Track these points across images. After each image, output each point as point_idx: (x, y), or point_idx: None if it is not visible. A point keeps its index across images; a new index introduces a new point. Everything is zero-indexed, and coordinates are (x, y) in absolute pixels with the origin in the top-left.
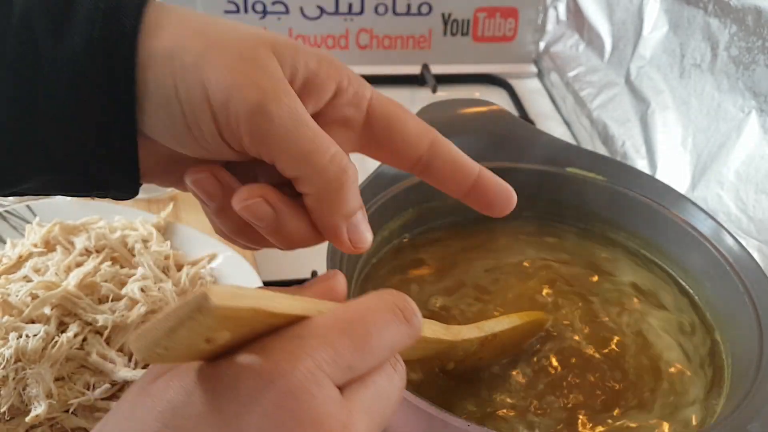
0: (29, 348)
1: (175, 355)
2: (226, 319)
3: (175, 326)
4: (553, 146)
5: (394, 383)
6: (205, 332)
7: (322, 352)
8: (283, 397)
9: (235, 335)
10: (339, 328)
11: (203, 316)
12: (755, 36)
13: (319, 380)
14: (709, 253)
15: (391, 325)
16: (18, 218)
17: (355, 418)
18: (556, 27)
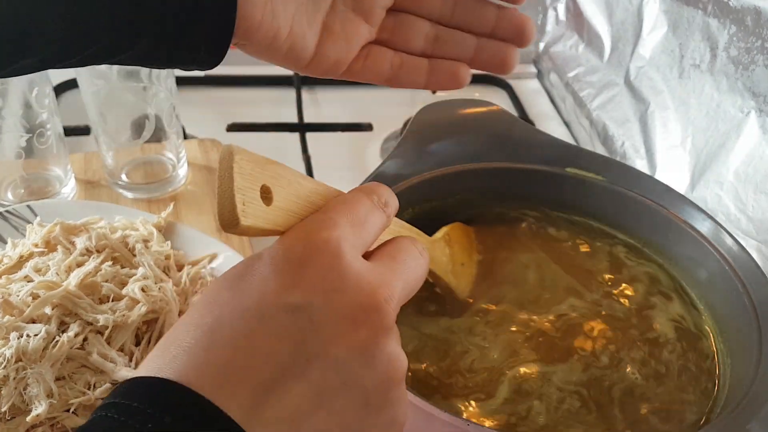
0: (30, 348)
1: (252, 212)
2: (255, 164)
3: (230, 176)
4: (553, 146)
5: (420, 261)
6: (251, 178)
7: (347, 229)
8: (329, 258)
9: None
10: (347, 209)
11: (237, 155)
12: (754, 36)
13: (353, 249)
14: (708, 253)
15: (375, 210)
16: (19, 218)
17: (388, 278)
18: (556, 27)
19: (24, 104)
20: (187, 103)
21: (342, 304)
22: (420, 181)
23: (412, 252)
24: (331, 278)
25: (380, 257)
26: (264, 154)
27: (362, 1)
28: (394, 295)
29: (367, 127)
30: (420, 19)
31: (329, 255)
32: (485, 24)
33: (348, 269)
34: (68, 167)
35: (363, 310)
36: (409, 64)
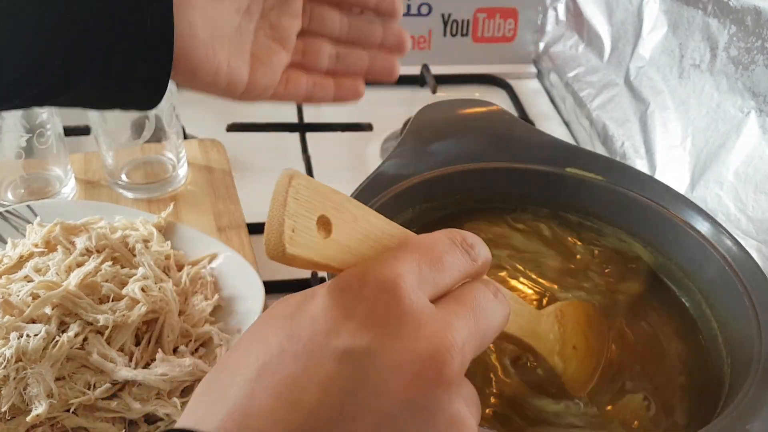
0: (30, 348)
1: (302, 241)
2: (315, 192)
3: (283, 200)
4: (553, 146)
5: (495, 306)
6: (308, 206)
7: (413, 267)
8: (386, 300)
9: (338, 233)
10: (418, 249)
11: (295, 180)
12: (754, 36)
13: (415, 290)
14: (708, 253)
15: (456, 250)
16: (19, 218)
17: (454, 325)
18: (556, 27)
19: None
20: (187, 103)
21: (396, 351)
22: (420, 181)
23: (484, 294)
24: (385, 321)
25: (446, 300)
26: (264, 154)
27: (279, 29)
28: (458, 343)
29: (367, 127)
30: (324, 40)
31: (387, 294)
32: (374, 39)
33: (406, 310)
34: (68, 167)
35: (421, 358)
36: (320, 83)
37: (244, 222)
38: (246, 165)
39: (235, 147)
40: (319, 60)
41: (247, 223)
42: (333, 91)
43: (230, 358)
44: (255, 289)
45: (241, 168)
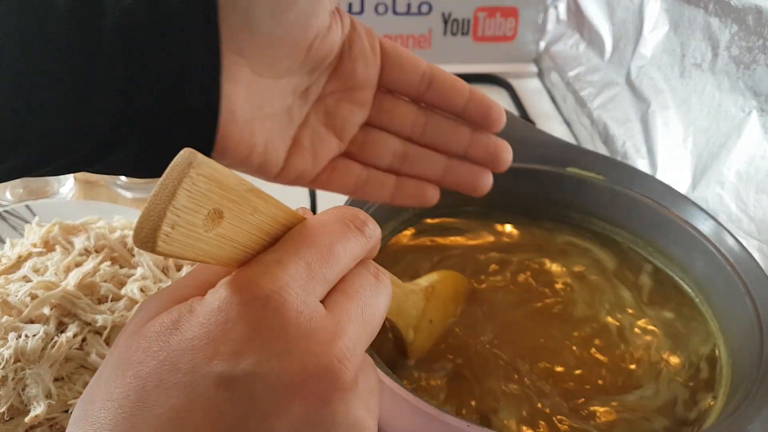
0: (28, 348)
1: (180, 237)
2: (215, 183)
3: (173, 189)
4: (554, 146)
5: (379, 291)
6: (202, 200)
7: (300, 270)
8: (270, 316)
9: (228, 226)
10: (306, 244)
11: (195, 170)
12: (756, 35)
13: (302, 297)
14: (709, 253)
15: (348, 234)
16: (17, 218)
17: (344, 326)
18: (557, 26)
19: None
20: None
21: (285, 371)
22: None
23: (367, 281)
24: (271, 339)
25: (334, 296)
26: None
27: (335, 117)
28: (350, 345)
29: None
30: (390, 136)
31: (270, 311)
32: (457, 145)
33: (292, 327)
34: None
35: (312, 374)
36: (375, 179)
37: None
38: None
39: None
40: (379, 156)
41: None
42: (391, 191)
43: (104, 386)
44: None
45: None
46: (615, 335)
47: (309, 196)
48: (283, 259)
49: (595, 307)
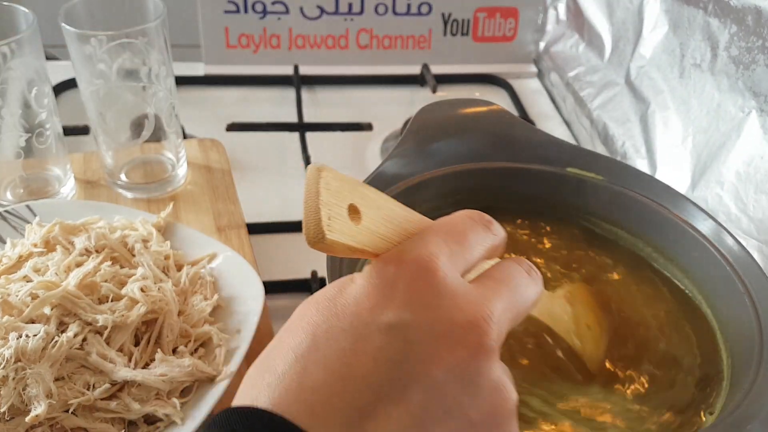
0: (29, 348)
1: (339, 227)
2: (342, 182)
3: (315, 191)
4: (553, 146)
5: (529, 284)
6: (339, 195)
7: (442, 246)
8: (422, 275)
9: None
10: (444, 230)
11: (324, 173)
12: (755, 36)
13: (448, 266)
14: (709, 253)
15: (477, 226)
16: (18, 218)
17: (490, 298)
18: (556, 27)
19: (23, 104)
20: (187, 102)
21: (437, 321)
22: (420, 181)
23: (517, 271)
24: (424, 295)
25: (482, 279)
26: (264, 154)
27: None
28: (495, 314)
29: (366, 126)
30: None
31: (422, 271)
32: None
33: (442, 284)
34: (67, 167)
35: (460, 326)
36: None
37: (243, 222)
38: (246, 165)
39: (235, 147)
40: None
41: (246, 223)
42: None
43: (279, 340)
44: (254, 289)
45: (241, 168)
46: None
47: None
48: (425, 237)
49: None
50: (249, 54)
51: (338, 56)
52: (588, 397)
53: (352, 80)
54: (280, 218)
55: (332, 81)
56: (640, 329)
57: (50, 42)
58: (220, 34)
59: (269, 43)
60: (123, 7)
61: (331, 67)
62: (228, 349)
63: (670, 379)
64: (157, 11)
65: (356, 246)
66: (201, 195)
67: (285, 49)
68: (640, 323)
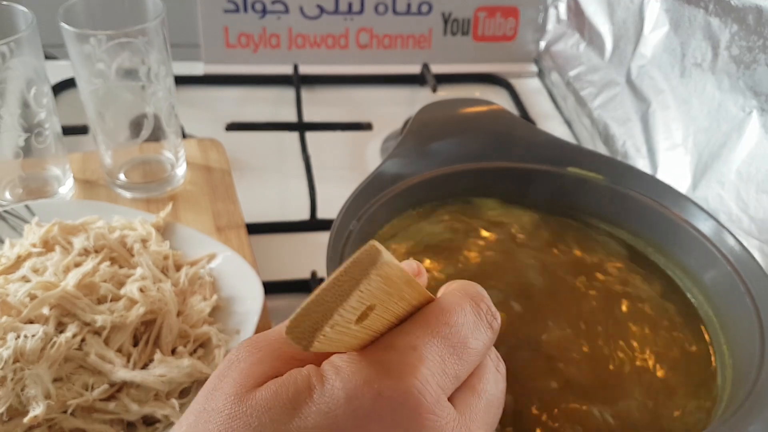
0: (28, 348)
1: (334, 336)
2: (386, 281)
3: (348, 290)
4: (554, 146)
5: (500, 386)
6: (368, 299)
7: (436, 363)
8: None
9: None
10: (442, 333)
11: (376, 271)
12: (756, 35)
13: (438, 397)
14: (710, 253)
15: (481, 326)
16: (17, 218)
17: (472, 430)
18: (557, 26)
19: (22, 103)
20: (186, 102)
21: None
22: (420, 181)
23: (492, 374)
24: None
25: (462, 394)
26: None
27: None
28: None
29: (366, 126)
30: None
31: (407, 412)
32: None
33: (424, 425)
34: (66, 167)
35: None
36: None
37: (243, 222)
38: (245, 164)
39: (235, 146)
40: None
41: (246, 223)
42: None
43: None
44: (254, 289)
45: (241, 167)
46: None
47: (309, 197)
48: (418, 347)
49: (595, 306)
50: (248, 53)
51: (338, 56)
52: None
53: (352, 80)
54: (279, 218)
55: (332, 80)
56: (640, 329)
57: (49, 41)
58: (220, 34)
59: (269, 43)
60: (122, 7)
61: (330, 67)
62: (227, 349)
63: (669, 379)
64: (156, 10)
65: (333, 350)
66: (200, 195)
67: (285, 49)
68: (638, 322)
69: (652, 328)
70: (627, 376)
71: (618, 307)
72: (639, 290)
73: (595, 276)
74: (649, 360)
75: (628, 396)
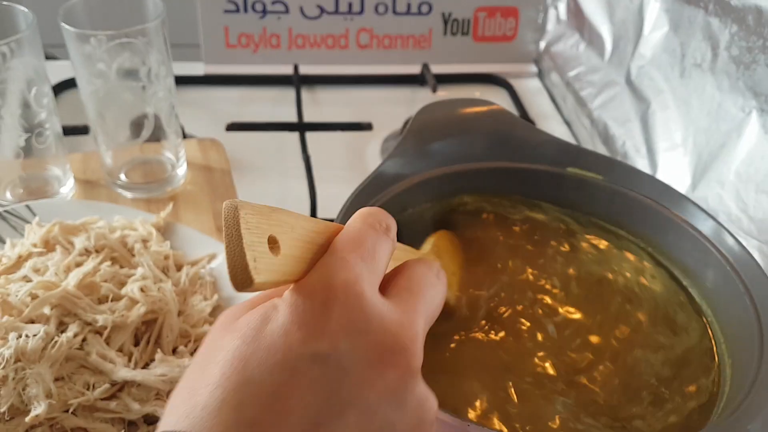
0: (29, 348)
1: (264, 267)
2: (259, 215)
3: (237, 233)
4: (554, 146)
5: (439, 289)
6: (258, 231)
7: (362, 266)
8: (351, 300)
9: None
10: (355, 246)
11: (242, 210)
12: (756, 36)
13: (373, 288)
14: (709, 253)
15: (380, 237)
16: (18, 218)
17: (411, 317)
18: (557, 26)
19: (22, 104)
20: (187, 102)
21: (369, 347)
22: (420, 181)
23: (429, 280)
24: (356, 321)
25: (398, 292)
26: (264, 154)
27: None
28: (419, 333)
29: (366, 126)
30: None
31: (352, 297)
32: None
33: (371, 310)
34: (67, 167)
35: (390, 351)
36: None
37: None
38: (245, 164)
39: (235, 146)
40: None
41: None
42: None
43: (200, 371)
44: None
45: (241, 167)
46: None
47: (309, 197)
48: (345, 257)
49: (595, 306)
50: (249, 54)
51: (338, 56)
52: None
53: (352, 80)
54: None
55: (332, 81)
56: (640, 329)
57: (50, 41)
58: (220, 34)
59: (269, 43)
60: (122, 7)
61: (331, 67)
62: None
63: (670, 378)
64: (156, 11)
65: (282, 279)
66: (201, 195)
67: (285, 49)
68: (638, 322)
69: (652, 327)
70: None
71: (616, 305)
72: (638, 290)
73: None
74: (646, 358)
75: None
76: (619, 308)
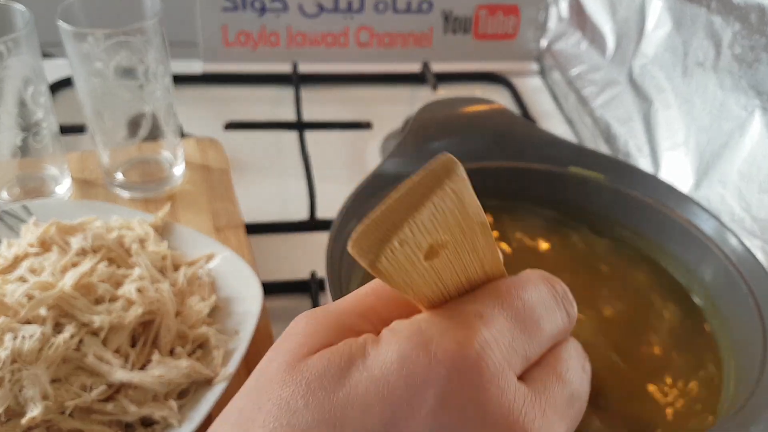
0: (25, 349)
1: (402, 258)
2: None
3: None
4: (555, 145)
5: (584, 385)
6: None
7: (504, 333)
8: (467, 388)
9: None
10: (512, 305)
11: (450, 183)
12: (759, 34)
13: (504, 368)
14: (712, 253)
15: (556, 309)
16: (14, 218)
17: (549, 417)
18: (558, 25)
19: (19, 103)
20: (185, 101)
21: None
22: None
23: (579, 362)
24: (464, 413)
25: (540, 372)
26: (262, 153)
27: None
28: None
29: (366, 125)
30: None
31: (467, 381)
32: None
33: (492, 403)
34: (64, 166)
35: None
36: None
37: (242, 222)
38: (244, 164)
39: (233, 146)
40: None
41: (245, 223)
42: None
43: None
44: (253, 290)
45: (240, 167)
46: (615, 336)
47: (308, 196)
48: (485, 315)
49: (597, 306)
50: (247, 52)
51: (338, 54)
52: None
53: (352, 78)
54: (278, 218)
55: (331, 79)
56: (642, 330)
57: (47, 40)
58: (218, 32)
59: (268, 41)
60: (120, 5)
61: (330, 65)
62: (226, 350)
63: (671, 380)
64: (154, 9)
65: (401, 285)
66: (199, 194)
67: (284, 47)
68: (642, 323)
69: (652, 327)
70: (624, 371)
71: (615, 305)
72: (638, 289)
73: (595, 274)
74: (647, 359)
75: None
76: (618, 308)
